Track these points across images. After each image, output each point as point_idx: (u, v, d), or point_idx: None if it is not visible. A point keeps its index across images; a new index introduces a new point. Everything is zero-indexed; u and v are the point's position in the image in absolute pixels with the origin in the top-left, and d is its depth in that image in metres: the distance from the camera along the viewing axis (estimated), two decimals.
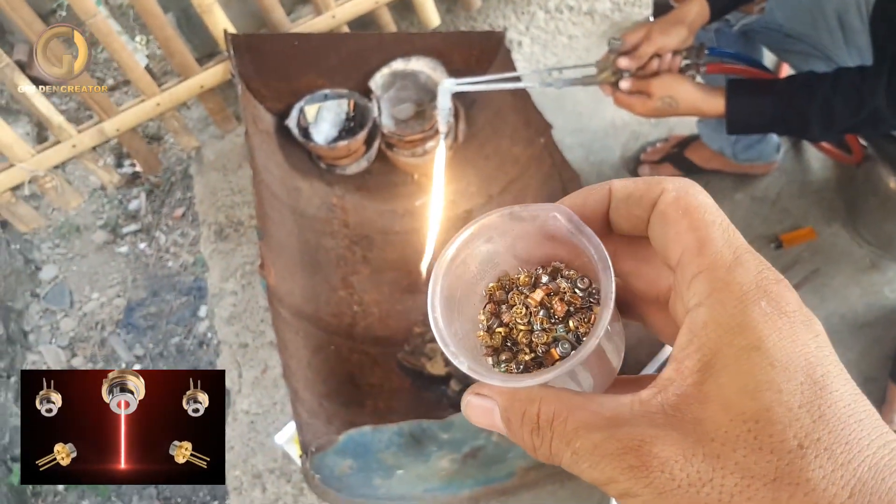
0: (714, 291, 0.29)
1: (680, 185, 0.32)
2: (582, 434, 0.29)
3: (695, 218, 0.31)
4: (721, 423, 0.27)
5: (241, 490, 1.58)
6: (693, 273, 0.30)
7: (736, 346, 0.28)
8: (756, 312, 0.28)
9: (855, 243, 1.87)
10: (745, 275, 0.29)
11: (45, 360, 2.41)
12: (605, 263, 0.32)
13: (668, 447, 0.27)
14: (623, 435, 0.28)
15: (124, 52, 1.86)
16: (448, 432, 1.24)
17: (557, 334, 0.36)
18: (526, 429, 0.32)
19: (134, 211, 2.62)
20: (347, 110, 1.99)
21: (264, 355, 1.77)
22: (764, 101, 1.28)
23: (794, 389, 0.27)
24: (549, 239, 0.37)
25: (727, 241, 0.30)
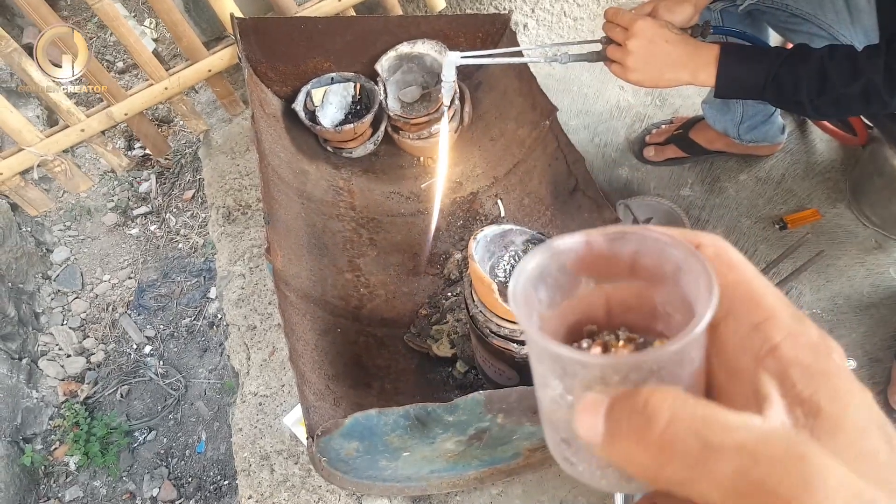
0: (787, 338, 0.30)
1: (717, 241, 0.34)
2: (720, 428, 0.27)
3: (741, 272, 0.33)
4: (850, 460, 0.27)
5: (250, 471, 1.61)
6: (755, 322, 0.31)
7: (833, 390, 0.29)
8: (833, 365, 0.30)
9: (860, 224, 1.87)
10: (810, 328, 0.31)
11: (57, 341, 2.45)
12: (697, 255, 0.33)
13: (840, 469, 0.26)
14: (782, 440, 0.26)
15: (132, 37, 1.87)
16: (453, 414, 1.25)
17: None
18: (630, 412, 0.29)
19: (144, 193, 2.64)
20: (354, 93, 2.00)
21: (272, 338, 1.79)
22: (757, 62, 1.25)
23: (879, 438, 0.28)
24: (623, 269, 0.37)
25: (778, 296, 0.32)
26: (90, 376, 2.41)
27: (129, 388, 2.38)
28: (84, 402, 2.37)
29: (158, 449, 2.28)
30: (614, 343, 0.36)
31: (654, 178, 2.04)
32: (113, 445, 2.27)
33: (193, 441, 2.26)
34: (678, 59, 1.28)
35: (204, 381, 2.32)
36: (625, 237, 0.35)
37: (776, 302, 0.32)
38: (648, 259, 0.35)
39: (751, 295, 0.32)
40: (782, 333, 0.30)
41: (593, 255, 0.36)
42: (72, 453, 2.28)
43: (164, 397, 2.35)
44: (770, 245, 1.86)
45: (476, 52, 1.45)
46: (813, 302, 1.77)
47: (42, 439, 2.34)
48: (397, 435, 1.29)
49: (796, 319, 0.31)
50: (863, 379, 1.65)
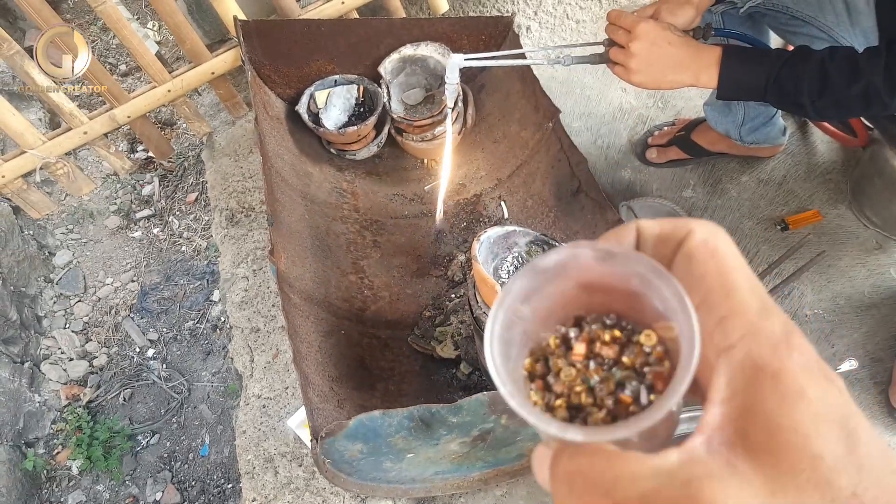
0: (747, 335, 0.30)
1: (708, 229, 0.33)
2: (625, 483, 0.28)
3: (722, 262, 0.32)
4: (779, 472, 0.27)
5: (254, 474, 1.61)
6: (720, 315, 0.31)
7: (780, 392, 0.28)
8: (793, 362, 0.29)
9: (861, 225, 1.87)
10: (773, 323, 0.30)
11: (60, 345, 2.44)
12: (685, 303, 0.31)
13: (734, 498, 0.26)
14: (677, 482, 0.27)
15: (134, 39, 1.87)
16: (457, 416, 1.25)
17: (618, 377, 0.34)
18: (559, 477, 0.30)
19: (147, 196, 2.65)
20: (357, 96, 2.00)
21: (276, 340, 1.79)
22: (759, 64, 1.26)
23: (835, 439, 0.27)
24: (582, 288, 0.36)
25: (752, 287, 0.31)
26: (93, 380, 2.41)
27: (132, 391, 2.38)
28: (86, 405, 2.36)
29: (161, 452, 2.28)
30: (600, 334, 0.36)
31: (656, 180, 2.04)
32: (116, 449, 2.27)
33: (197, 444, 2.26)
34: (680, 60, 1.29)
35: (207, 384, 2.32)
36: (613, 258, 0.34)
37: (745, 295, 0.31)
38: (635, 281, 0.34)
39: (723, 286, 0.31)
40: (740, 332, 0.30)
41: (578, 271, 0.36)
42: (74, 457, 2.27)
43: (167, 401, 2.34)
44: (772, 246, 1.86)
45: (479, 55, 1.46)
46: (814, 302, 1.77)
47: (44, 443, 2.33)
48: (401, 436, 1.29)
49: (762, 313, 0.30)
50: (864, 379, 1.65)
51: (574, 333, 0.36)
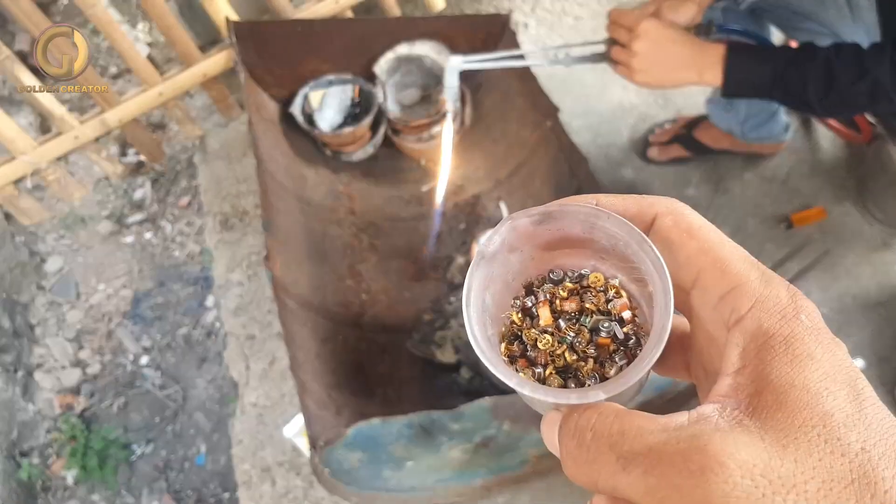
0: (754, 307, 0.30)
1: (674, 208, 0.33)
2: (632, 436, 0.28)
3: (703, 239, 0.32)
4: (790, 429, 0.27)
5: (251, 484, 1.58)
6: (721, 292, 0.31)
7: (790, 356, 0.28)
8: (800, 326, 0.29)
9: (866, 222, 1.85)
10: (778, 290, 0.30)
11: (53, 353, 2.41)
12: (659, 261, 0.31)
13: (744, 449, 0.26)
14: (687, 436, 0.27)
15: (125, 42, 1.84)
16: (458, 422, 1.23)
17: (589, 325, 0.35)
18: (564, 433, 0.31)
19: (139, 200, 2.61)
20: (352, 96, 1.97)
21: (272, 347, 1.76)
22: (764, 61, 1.24)
23: (844, 397, 0.27)
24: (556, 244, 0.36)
25: (744, 257, 0.32)
26: (86, 388, 2.38)
27: (127, 399, 2.34)
28: (81, 414, 2.33)
29: (157, 462, 2.25)
30: (554, 292, 0.36)
31: (658, 179, 2.01)
32: (111, 458, 2.24)
33: (193, 453, 2.23)
34: (684, 59, 1.27)
35: (203, 391, 2.29)
36: (550, 217, 0.34)
37: (742, 267, 0.31)
38: (580, 230, 0.35)
39: (715, 263, 0.31)
40: (749, 302, 0.30)
41: (524, 240, 0.36)
42: (69, 467, 2.24)
43: (162, 409, 2.31)
44: (777, 244, 1.84)
45: (478, 56, 1.43)
46: (820, 301, 1.74)
47: (39, 453, 2.30)
48: (401, 444, 1.27)
49: (765, 282, 0.30)
50: (871, 378, 1.61)
51: (531, 301, 0.36)
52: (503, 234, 0.35)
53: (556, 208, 0.34)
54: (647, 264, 0.32)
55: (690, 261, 0.32)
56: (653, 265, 0.32)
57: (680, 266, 0.32)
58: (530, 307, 0.36)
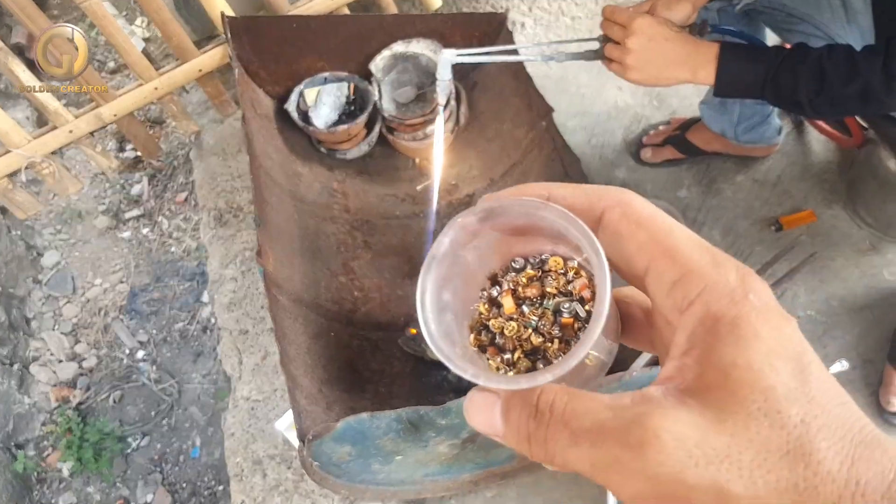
0: (703, 292, 0.30)
1: (621, 199, 0.34)
2: (581, 415, 0.29)
3: (652, 228, 0.32)
4: (730, 404, 0.28)
5: (242, 476, 1.59)
6: (672, 279, 0.31)
7: (735, 336, 0.29)
8: (747, 307, 0.29)
9: (855, 225, 1.86)
10: (728, 272, 0.31)
11: (49, 346, 2.42)
12: (596, 247, 0.32)
13: (680, 424, 0.27)
14: (628, 413, 0.28)
15: (120, 36, 1.85)
16: (446, 418, 1.24)
17: (552, 308, 0.36)
18: (524, 414, 0.31)
19: (136, 196, 2.62)
20: (348, 94, 1.98)
21: (265, 342, 1.77)
22: (757, 61, 1.24)
23: (789, 372, 0.28)
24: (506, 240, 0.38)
25: (694, 243, 0.32)
26: (82, 382, 2.39)
27: (122, 393, 2.35)
28: (76, 407, 2.34)
29: (152, 454, 2.26)
30: (517, 280, 0.37)
31: (651, 180, 2.02)
32: (106, 451, 2.25)
33: (188, 446, 2.24)
34: (678, 57, 1.27)
35: (198, 385, 2.30)
36: (493, 213, 0.35)
37: (692, 253, 0.31)
38: (524, 221, 0.35)
39: (665, 251, 0.32)
40: (699, 287, 0.30)
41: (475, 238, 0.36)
42: (65, 459, 2.25)
43: (157, 402, 2.32)
44: (766, 246, 1.84)
45: (472, 50, 1.43)
46: (808, 303, 1.75)
47: (35, 445, 2.31)
48: (390, 438, 1.28)
49: (715, 266, 0.31)
50: (855, 380, 1.65)
51: (496, 291, 0.38)
52: (451, 235, 0.36)
53: (497, 205, 0.34)
54: (589, 252, 0.32)
55: (641, 250, 0.32)
56: (593, 253, 0.32)
57: (632, 256, 0.33)
58: (496, 297, 0.38)
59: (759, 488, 0.26)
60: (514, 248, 0.38)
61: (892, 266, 1.79)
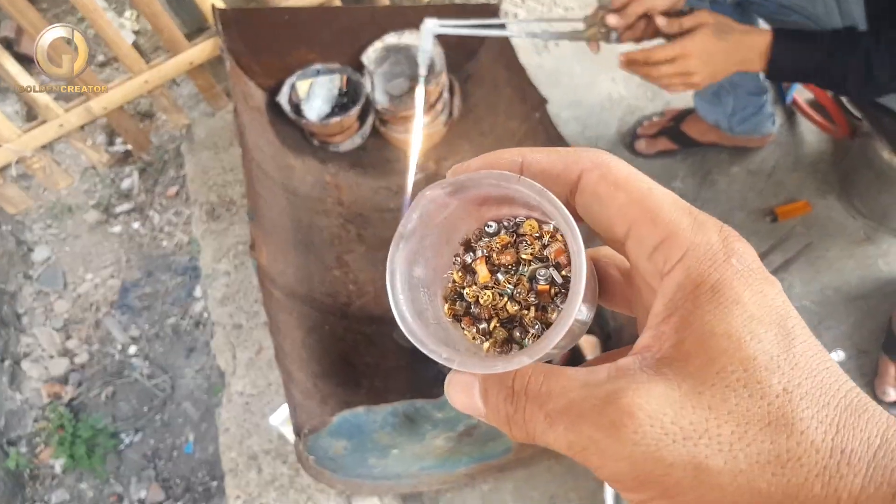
0: (685, 256, 0.29)
1: (599, 161, 0.32)
2: (556, 395, 0.29)
3: (631, 190, 0.31)
4: (708, 375, 0.27)
5: (237, 472, 1.58)
6: (653, 243, 0.30)
7: (715, 302, 0.28)
8: (729, 271, 0.28)
9: (849, 216, 1.86)
10: (709, 235, 0.29)
11: (40, 342, 2.40)
12: (571, 225, 0.31)
13: (655, 400, 0.26)
14: (602, 391, 0.28)
15: (110, 29, 1.83)
16: (442, 411, 1.24)
17: (527, 274, 0.35)
18: (501, 396, 0.31)
19: (127, 190, 2.60)
20: (340, 86, 1.96)
21: (259, 336, 1.76)
22: (809, 50, 1.27)
23: (772, 339, 0.27)
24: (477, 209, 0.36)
25: (675, 205, 0.31)
26: (74, 378, 2.37)
27: (115, 389, 2.34)
28: (68, 403, 2.33)
29: (145, 450, 2.25)
30: (491, 246, 0.36)
31: (645, 171, 1.99)
32: (99, 447, 2.23)
33: (181, 442, 2.23)
34: (732, 59, 1.30)
35: (191, 381, 2.29)
36: (462, 187, 0.34)
37: (673, 214, 0.30)
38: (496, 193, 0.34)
39: (645, 213, 0.30)
40: (680, 251, 0.29)
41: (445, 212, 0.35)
42: (57, 456, 2.24)
43: (150, 398, 2.31)
44: (761, 237, 1.84)
45: (455, 21, 1.42)
46: (803, 294, 1.76)
47: (27, 442, 2.30)
48: (386, 432, 1.27)
49: (696, 228, 0.29)
50: (851, 370, 1.65)
51: (470, 258, 0.37)
52: (420, 211, 0.35)
53: (466, 178, 0.33)
54: (564, 229, 0.32)
55: (621, 213, 0.31)
56: (568, 230, 0.31)
57: (611, 220, 0.31)
58: (470, 264, 0.36)
59: (739, 462, 0.25)
60: (485, 215, 0.37)
61: (887, 256, 1.80)
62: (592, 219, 0.32)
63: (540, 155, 0.33)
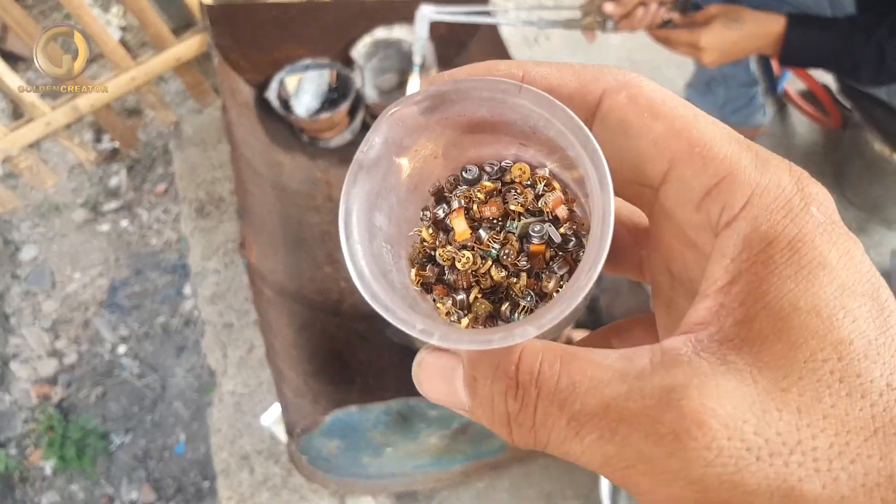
0: (750, 203, 0.22)
1: (626, 80, 0.25)
2: (584, 390, 0.22)
3: (671, 118, 0.24)
4: (794, 365, 0.20)
5: (229, 472, 1.57)
6: (705, 186, 0.23)
7: (796, 266, 0.21)
8: (810, 223, 0.22)
9: (841, 207, 1.86)
10: (780, 176, 0.23)
11: (28, 343, 2.38)
12: (593, 146, 0.24)
13: (730, 402, 0.20)
14: (651, 387, 0.21)
15: (96, 25, 1.81)
16: (436, 409, 1.23)
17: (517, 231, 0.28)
18: (498, 389, 0.23)
19: (114, 188, 2.58)
20: (329, 81, 1.95)
21: (250, 335, 1.74)
22: (823, 37, 1.28)
23: (867, 316, 0.21)
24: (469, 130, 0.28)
25: (730, 137, 0.24)
26: (63, 378, 2.35)
27: (104, 389, 2.32)
28: (58, 404, 2.31)
29: (136, 451, 2.23)
30: (470, 195, 0.29)
31: None
32: (89, 448, 2.22)
33: (172, 442, 2.21)
34: (747, 47, 1.32)
35: (181, 380, 2.27)
36: (444, 101, 0.26)
37: (730, 148, 0.23)
38: (487, 111, 0.27)
39: (693, 148, 0.23)
40: (744, 196, 0.23)
41: (416, 135, 0.28)
42: (47, 457, 2.22)
43: (140, 398, 2.29)
44: None
45: (451, 8, 1.42)
46: None
47: (16, 443, 2.28)
48: (379, 431, 1.26)
49: (761, 167, 0.23)
50: None
51: (443, 211, 0.29)
52: (384, 133, 0.27)
53: (450, 87, 0.26)
54: (577, 148, 0.24)
55: (658, 147, 0.24)
56: (588, 155, 0.24)
57: (644, 156, 0.24)
58: (443, 218, 0.29)
59: (841, 485, 0.19)
60: (465, 153, 0.29)
61: (879, 247, 1.79)
62: (615, 156, 0.25)
63: (548, 69, 0.26)
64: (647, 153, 0.24)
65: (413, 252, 0.30)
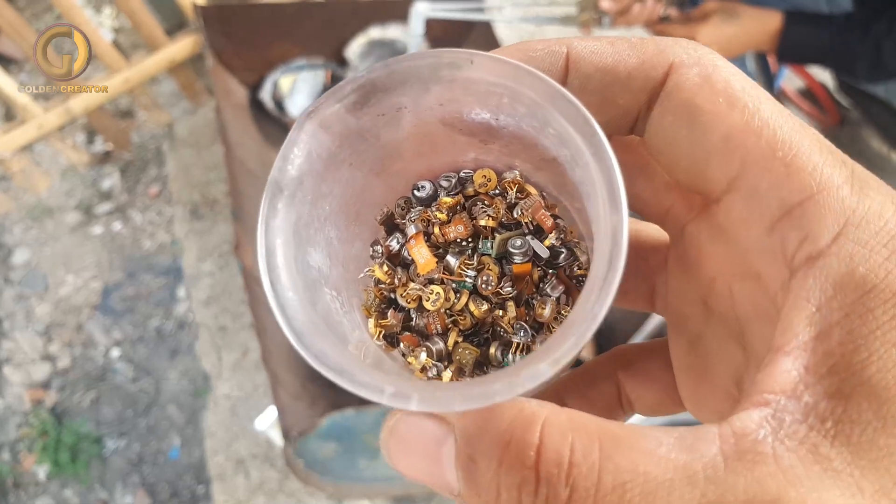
0: (842, 235, 0.17)
1: (699, 57, 0.20)
2: (640, 498, 0.16)
3: (752, 110, 0.19)
4: None
5: (225, 476, 1.56)
6: (785, 203, 0.18)
7: None
8: None
9: None
10: (883, 203, 0.18)
11: (21, 347, 2.37)
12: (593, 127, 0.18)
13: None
14: (736, 498, 0.15)
15: (88, 27, 1.80)
16: None
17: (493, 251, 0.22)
18: (510, 481, 0.17)
19: (107, 190, 2.56)
20: (324, 81, 1.94)
21: (244, 338, 1.73)
22: (820, 33, 1.28)
23: None
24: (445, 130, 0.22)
25: (821, 145, 0.19)
26: (57, 382, 2.33)
27: (98, 393, 2.30)
28: (51, 409, 2.29)
29: (130, 455, 2.22)
30: (428, 216, 0.23)
31: None
32: (83, 453, 2.20)
33: (166, 446, 2.20)
34: (743, 45, 1.33)
35: (176, 384, 2.25)
36: (391, 82, 0.20)
37: (821, 158, 0.19)
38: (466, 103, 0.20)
39: (773, 151, 0.19)
40: (835, 226, 0.18)
41: (349, 142, 0.21)
42: (41, 462, 2.21)
43: (134, 402, 2.27)
44: None
45: (447, 5, 1.42)
46: None
47: (9, 448, 2.26)
48: (376, 434, 1.25)
49: (858, 189, 0.18)
50: None
51: (397, 242, 0.23)
52: (306, 142, 0.20)
53: (381, 71, 0.20)
54: (571, 135, 0.18)
55: (731, 144, 0.19)
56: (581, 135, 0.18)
57: (711, 152, 0.19)
58: (398, 250, 0.24)
59: None
60: (411, 165, 0.23)
61: None
62: (670, 148, 0.20)
63: (597, 44, 0.20)
64: (716, 149, 0.19)
65: (368, 298, 0.24)
